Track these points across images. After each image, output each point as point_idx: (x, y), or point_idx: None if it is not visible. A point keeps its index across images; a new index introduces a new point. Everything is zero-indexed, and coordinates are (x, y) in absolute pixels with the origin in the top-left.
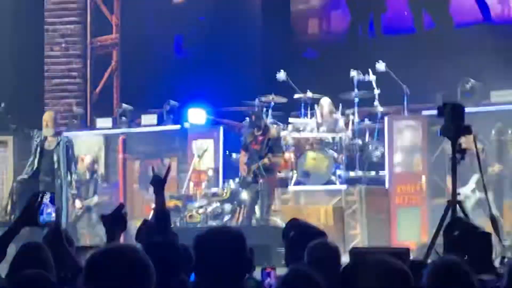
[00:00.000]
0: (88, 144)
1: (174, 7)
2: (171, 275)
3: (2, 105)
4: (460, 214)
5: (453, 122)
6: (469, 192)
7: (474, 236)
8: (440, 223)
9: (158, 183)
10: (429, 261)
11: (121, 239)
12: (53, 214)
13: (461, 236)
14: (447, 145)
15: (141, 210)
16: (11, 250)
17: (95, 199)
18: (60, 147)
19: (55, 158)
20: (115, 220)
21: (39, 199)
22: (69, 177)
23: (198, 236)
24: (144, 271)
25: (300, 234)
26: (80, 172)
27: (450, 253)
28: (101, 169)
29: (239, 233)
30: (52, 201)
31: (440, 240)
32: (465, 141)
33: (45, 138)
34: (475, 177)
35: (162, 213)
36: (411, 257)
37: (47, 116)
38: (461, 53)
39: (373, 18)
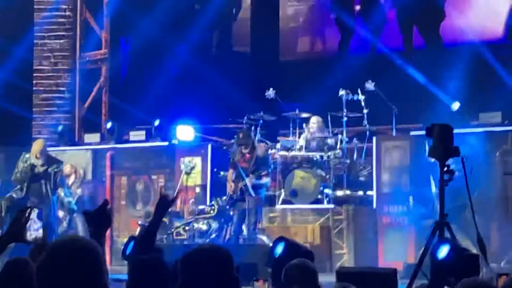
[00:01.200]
0: (75, 160)
1: (164, 24)
2: None
3: None
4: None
5: (442, 143)
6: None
7: (461, 258)
8: (427, 243)
9: (166, 204)
10: (416, 282)
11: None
12: (40, 230)
13: (449, 258)
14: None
15: (127, 226)
16: None
17: (78, 192)
18: (48, 174)
19: (43, 182)
20: (99, 217)
21: (27, 215)
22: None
23: (185, 254)
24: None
25: (287, 252)
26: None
27: (437, 275)
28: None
29: (226, 252)
30: (39, 216)
31: (427, 260)
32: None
33: (35, 165)
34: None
35: (151, 234)
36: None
37: (37, 148)
38: (450, 73)
39: (363, 37)
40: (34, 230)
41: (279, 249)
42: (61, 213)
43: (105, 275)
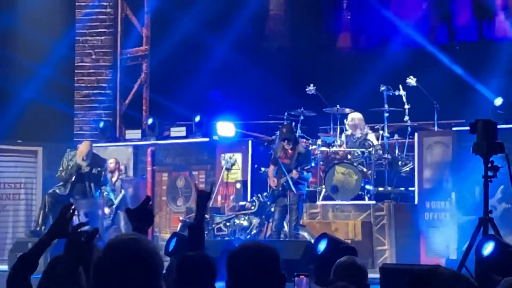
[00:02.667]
0: (117, 156)
1: (204, 20)
2: None
3: None
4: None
5: (486, 139)
6: (495, 203)
7: (507, 255)
8: (471, 240)
9: (204, 198)
10: None
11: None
12: (86, 227)
13: (494, 255)
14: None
15: (168, 222)
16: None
17: (122, 192)
18: (93, 173)
19: (87, 183)
20: (142, 214)
21: (71, 211)
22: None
23: (231, 251)
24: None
25: (330, 249)
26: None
27: (482, 272)
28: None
29: (272, 249)
30: (85, 213)
31: (471, 257)
32: None
33: (80, 165)
34: (501, 188)
35: (199, 228)
36: None
37: (84, 150)
38: (493, 68)
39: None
40: (87, 205)
41: (322, 245)
42: (106, 210)
43: (161, 276)
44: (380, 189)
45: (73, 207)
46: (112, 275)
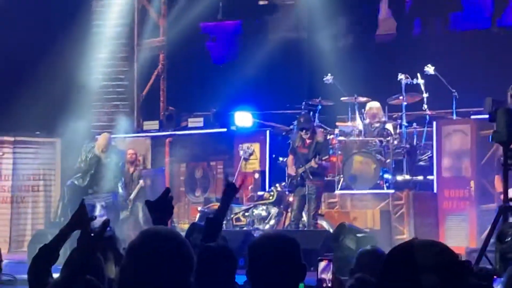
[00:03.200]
0: (134, 147)
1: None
2: (225, 280)
3: None
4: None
5: (506, 127)
6: None
7: None
8: (491, 228)
9: (232, 190)
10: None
11: None
12: (103, 218)
13: None
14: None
15: (186, 212)
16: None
17: (140, 183)
18: (111, 163)
19: (104, 173)
20: (161, 206)
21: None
22: (120, 190)
23: (252, 241)
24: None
25: (350, 238)
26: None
27: (502, 260)
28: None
29: (293, 239)
30: (102, 206)
31: (491, 246)
32: None
33: (98, 156)
34: None
35: (217, 221)
36: None
37: (103, 142)
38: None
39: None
40: (98, 218)
41: (342, 235)
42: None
43: (192, 270)
44: (399, 178)
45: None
46: (148, 262)
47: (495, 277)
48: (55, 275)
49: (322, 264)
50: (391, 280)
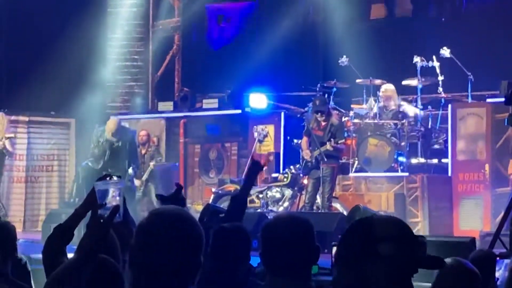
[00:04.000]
0: (149, 127)
1: None
2: (240, 261)
3: None
4: None
5: None
6: None
7: None
8: (505, 212)
9: (256, 169)
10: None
11: None
12: (118, 198)
13: None
14: None
15: (201, 193)
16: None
17: (151, 165)
18: (123, 145)
19: (117, 154)
20: (173, 202)
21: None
22: (130, 171)
23: (266, 223)
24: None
25: None
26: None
27: None
28: (162, 148)
29: (307, 221)
30: (118, 186)
31: (505, 230)
32: None
33: (110, 140)
34: None
35: (242, 199)
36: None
37: (111, 127)
38: None
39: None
40: (113, 198)
41: (356, 217)
42: (137, 182)
43: (202, 249)
44: (413, 161)
45: (108, 178)
46: (157, 242)
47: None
48: (70, 255)
49: (335, 250)
50: (348, 249)
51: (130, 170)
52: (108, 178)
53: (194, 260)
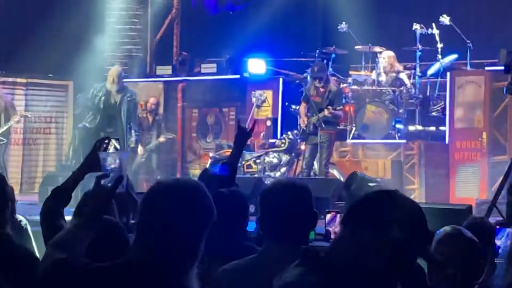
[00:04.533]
0: (147, 91)
1: None
2: (237, 226)
3: None
4: None
5: None
6: None
7: None
8: (502, 180)
9: (244, 136)
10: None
11: None
12: (117, 161)
13: None
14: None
15: (198, 158)
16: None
17: (161, 139)
18: (124, 102)
19: (117, 111)
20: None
21: (105, 145)
22: (130, 131)
23: (264, 188)
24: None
25: (361, 187)
26: (142, 117)
27: None
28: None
29: (305, 186)
30: (116, 148)
31: (502, 198)
32: None
33: (110, 92)
34: None
35: (231, 166)
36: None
37: (113, 73)
38: None
39: None
40: (114, 155)
41: (353, 184)
42: (140, 150)
43: (210, 222)
44: (411, 128)
45: (106, 141)
46: (166, 211)
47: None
48: (67, 218)
49: (329, 216)
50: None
51: (133, 135)
52: (107, 141)
53: (202, 232)
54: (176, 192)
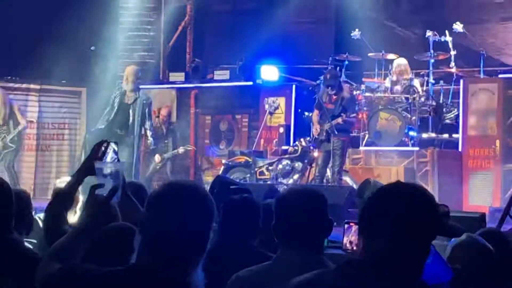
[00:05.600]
0: (160, 98)
1: None
2: (250, 233)
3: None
4: None
5: None
6: None
7: None
8: None
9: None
10: (504, 227)
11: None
12: (116, 165)
13: None
14: None
15: (211, 165)
16: None
17: (180, 150)
18: (137, 103)
19: (131, 113)
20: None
21: (103, 149)
22: (143, 132)
23: (280, 195)
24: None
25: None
26: (156, 126)
27: None
28: (172, 119)
29: (320, 193)
30: (115, 151)
31: None
32: None
33: (124, 92)
34: None
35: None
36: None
37: (129, 71)
38: None
39: None
40: (110, 165)
41: (366, 191)
42: (157, 158)
43: (213, 219)
44: (424, 135)
45: (105, 145)
46: (168, 213)
47: None
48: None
49: (349, 227)
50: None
51: (149, 137)
52: (106, 145)
53: (203, 231)
54: (177, 194)
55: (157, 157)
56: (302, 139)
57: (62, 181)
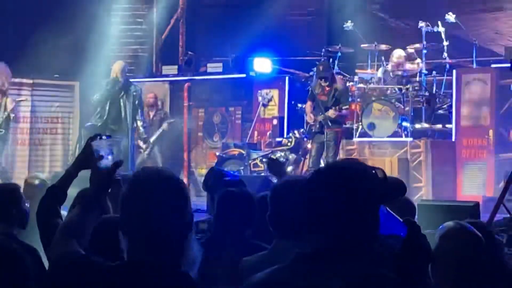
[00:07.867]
0: (153, 91)
1: None
2: (245, 224)
3: None
4: None
5: None
6: None
7: None
8: (509, 177)
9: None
10: (497, 216)
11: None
12: (110, 158)
13: None
14: None
15: (204, 157)
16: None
17: (164, 126)
18: (128, 96)
19: (122, 106)
20: None
21: (98, 138)
22: (135, 125)
23: (275, 186)
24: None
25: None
26: (148, 118)
27: None
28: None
29: None
30: (110, 145)
31: (508, 195)
32: None
33: (114, 87)
34: None
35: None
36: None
37: (117, 67)
38: None
39: None
40: (104, 158)
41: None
42: (141, 144)
43: (188, 207)
44: (417, 126)
45: (99, 138)
46: (139, 206)
47: None
48: (64, 213)
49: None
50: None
51: (141, 128)
52: (99, 138)
53: (182, 213)
54: (143, 190)
55: (141, 143)
56: (296, 131)
57: (33, 177)
